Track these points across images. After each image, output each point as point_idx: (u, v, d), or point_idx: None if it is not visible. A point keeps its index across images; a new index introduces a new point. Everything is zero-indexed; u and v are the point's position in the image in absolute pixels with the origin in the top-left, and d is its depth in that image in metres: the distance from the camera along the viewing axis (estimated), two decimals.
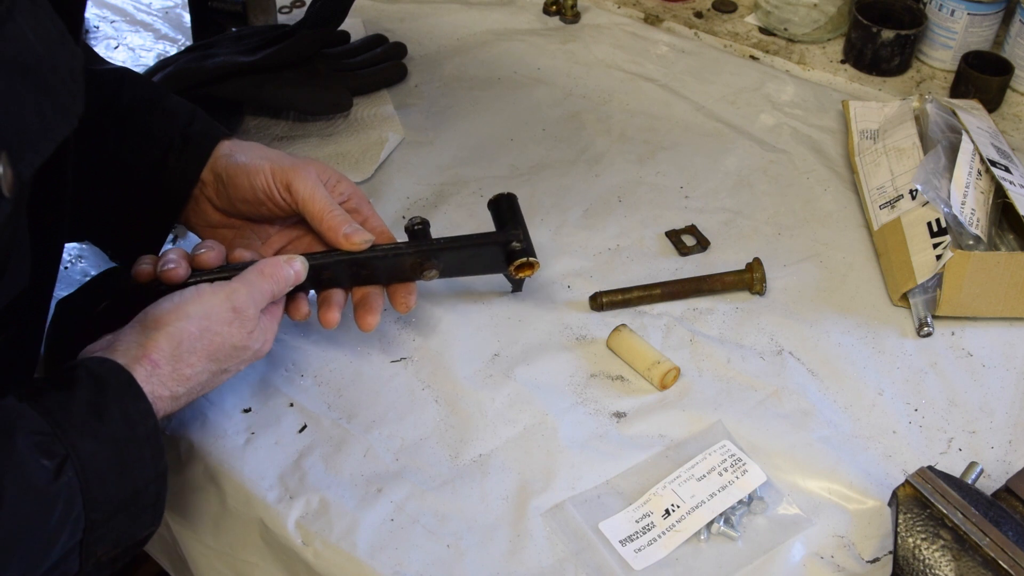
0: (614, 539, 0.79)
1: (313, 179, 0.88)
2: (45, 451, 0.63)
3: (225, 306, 0.77)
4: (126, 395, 0.70)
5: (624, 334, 0.94)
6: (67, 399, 0.67)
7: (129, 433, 0.69)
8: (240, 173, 0.88)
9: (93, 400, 0.67)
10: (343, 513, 0.81)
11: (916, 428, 0.89)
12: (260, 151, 0.90)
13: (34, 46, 0.57)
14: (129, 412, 0.69)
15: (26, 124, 0.57)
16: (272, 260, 0.83)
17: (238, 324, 0.78)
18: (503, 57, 1.36)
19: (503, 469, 0.85)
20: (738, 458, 0.84)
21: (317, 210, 0.87)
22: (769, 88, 1.32)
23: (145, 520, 0.71)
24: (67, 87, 0.60)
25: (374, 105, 1.26)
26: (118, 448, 0.67)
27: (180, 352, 0.74)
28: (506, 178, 1.16)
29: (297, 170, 0.87)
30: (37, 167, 0.58)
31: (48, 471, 0.63)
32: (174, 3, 1.45)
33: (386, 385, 0.92)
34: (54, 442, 0.64)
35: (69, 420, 0.65)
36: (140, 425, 0.69)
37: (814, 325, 0.98)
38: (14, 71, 0.55)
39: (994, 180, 1.04)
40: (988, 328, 0.98)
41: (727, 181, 1.16)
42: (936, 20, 1.32)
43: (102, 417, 0.67)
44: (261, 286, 0.80)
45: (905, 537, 0.74)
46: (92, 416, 0.67)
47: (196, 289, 0.78)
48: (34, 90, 0.57)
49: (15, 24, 0.55)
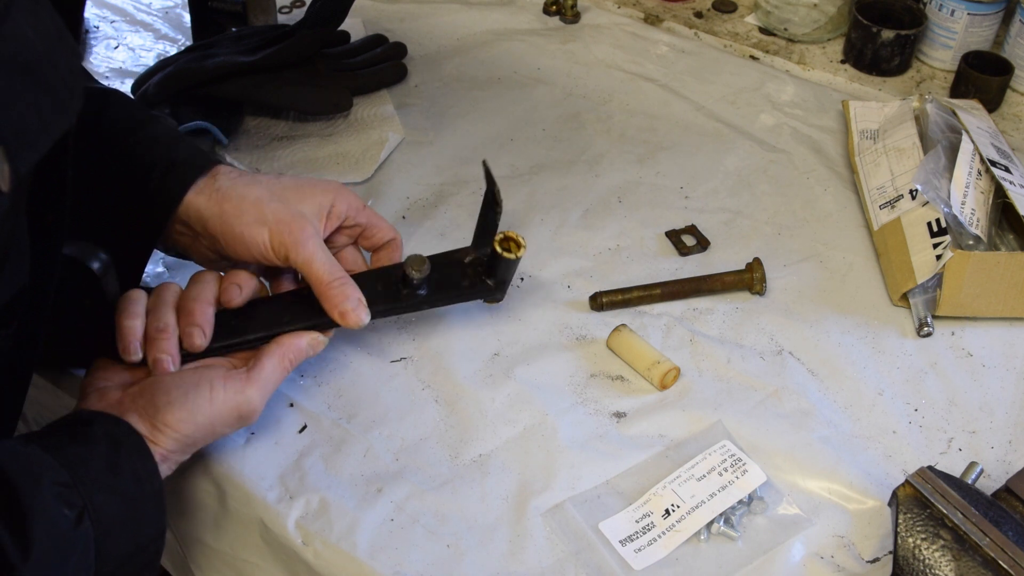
0: (614, 539, 0.79)
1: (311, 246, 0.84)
2: (66, 501, 0.66)
3: (234, 413, 0.79)
4: (138, 456, 0.74)
5: (624, 334, 0.94)
6: (86, 453, 0.70)
7: (138, 490, 0.72)
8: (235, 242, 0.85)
9: (109, 457, 0.71)
10: (343, 513, 0.81)
11: (916, 428, 0.89)
12: (256, 212, 0.84)
13: (33, 43, 0.57)
14: (139, 471, 0.73)
15: (24, 121, 0.57)
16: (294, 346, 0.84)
17: (242, 423, 0.81)
18: (503, 57, 1.37)
19: (503, 469, 0.85)
20: (738, 458, 0.84)
21: (315, 280, 0.84)
22: (769, 88, 1.32)
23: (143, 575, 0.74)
24: (66, 84, 0.60)
25: (374, 105, 1.26)
26: (129, 504, 0.71)
27: (185, 446, 0.78)
28: (506, 178, 1.16)
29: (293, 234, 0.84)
30: (35, 163, 0.58)
31: (69, 520, 0.66)
32: (174, 3, 1.46)
33: (386, 385, 0.92)
34: (73, 493, 0.67)
35: (87, 474, 0.69)
36: (148, 483, 0.73)
37: (814, 325, 0.99)
38: (12, 68, 0.55)
39: (994, 180, 1.04)
40: (988, 328, 0.98)
41: (727, 181, 1.17)
42: (936, 20, 1.32)
43: (116, 474, 0.71)
44: (275, 377, 0.82)
45: (905, 537, 0.74)
46: (108, 471, 0.70)
47: (210, 388, 0.78)
48: (32, 87, 0.57)
49: (13, 21, 0.55)
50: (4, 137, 0.55)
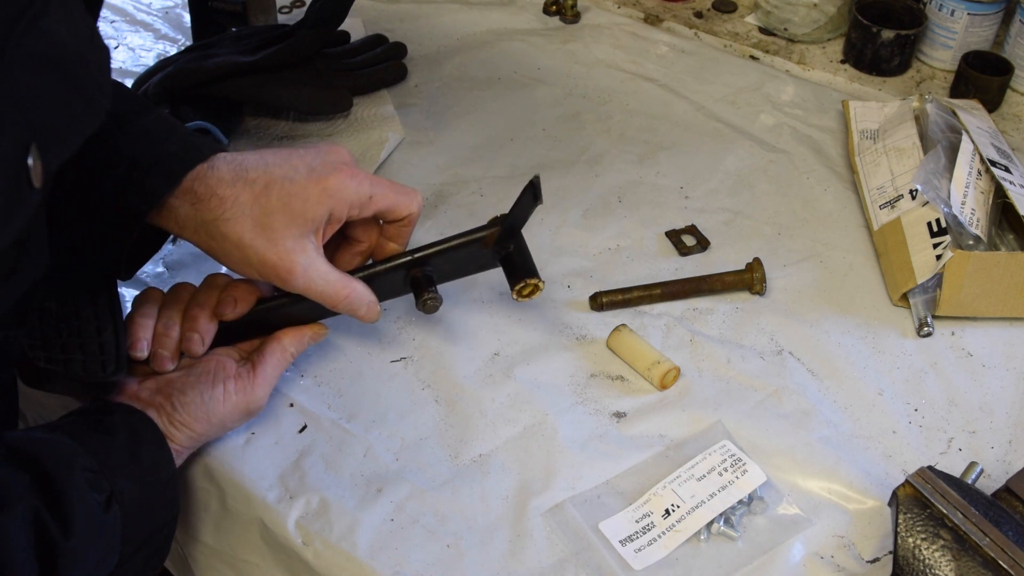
0: (614, 539, 0.79)
1: (302, 282, 0.80)
2: (95, 486, 0.69)
3: (243, 410, 0.84)
4: (155, 443, 0.77)
5: (624, 334, 0.94)
6: (108, 442, 0.73)
7: (156, 477, 0.75)
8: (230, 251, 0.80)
9: (130, 445, 0.74)
10: (343, 513, 0.81)
11: (916, 428, 0.89)
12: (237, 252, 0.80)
13: (66, 42, 0.57)
14: (157, 459, 0.76)
15: (56, 118, 0.57)
16: (296, 338, 0.87)
17: (248, 417, 0.86)
18: (503, 57, 1.37)
19: (503, 469, 0.85)
20: (738, 458, 0.84)
21: (321, 302, 0.84)
22: (769, 88, 1.32)
23: (155, 562, 0.78)
24: (95, 83, 0.61)
25: (374, 105, 1.26)
26: (148, 489, 0.74)
27: (196, 441, 0.82)
28: (506, 178, 1.16)
29: (280, 275, 0.80)
30: (64, 160, 0.59)
31: (100, 504, 0.69)
32: (174, 3, 1.46)
33: (386, 385, 0.92)
34: (101, 479, 0.70)
35: (111, 461, 0.72)
36: (164, 470, 0.76)
37: (814, 325, 0.98)
38: (46, 66, 0.56)
39: (994, 180, 1.04)
40: (988, 328, 0.98)
41: (727, 181, 1.17)
42: (936, 20, 1.32)
43: (137, 461, 0.74)
44: (278, 371, 0.86)
45: (905, 537, 0.74)
46: (129, 459, 0.73)
47: (223, 391, 0.82)
48: (65, 85, 0.57)
49: (49, 19, 0.56)
50: (37, 134, 0.55)
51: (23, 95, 0.54)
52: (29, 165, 0.54)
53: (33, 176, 0.55)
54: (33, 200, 0.56)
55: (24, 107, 0.54)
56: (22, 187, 0.55)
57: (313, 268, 0.81)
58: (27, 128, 0.54)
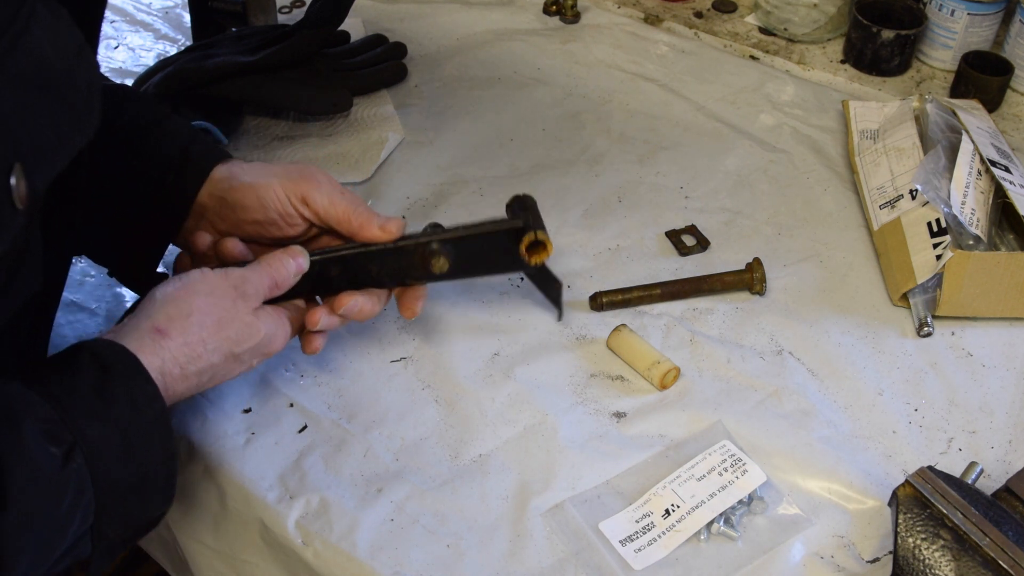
0: (614, 539, 0.79)
1: (327, 186, 0.85)
2: (53, 438, 0.62)
3: (227, 284, 0.77)
4: (132, 378, 0.69)
5: (624, 334, 0.94)
6: (72, 384, 0.66)
7: (135, 417, 0.68)
8: (248, 193, 0.85)
9: (98, 384, 0.67)
10: (343, 513, 0.81)
11: (916, 428, 0.89)
12: (264, 169, 0.87)
13: (52, 59, 0.57)
14: (135, 396, 0.68)
15: (42, 137, 0.57)
16: (273, 253, 0.82)
17: (242, 302, 0.77)
18: (503, 57, 1.37)
19: (503, 469, 0.85)
20: (738, 458, 0.84)
21: (343, 213, 0.85)
22: (769, 88, 1.32)
23: (156, 502, 0.71)
24: (84, 100, 0.60)
25: (374, 105, 1.26)
26: (125, 432, 0.67)
27: (190, 324, 0.73)
28: (506, 178, 1.16)
29: (310, 180, 0.85)
30: (51, 179, 0.58)
31: (57, 459, 0.62)
32: (174, 3, 1.46)
33: (386, 385, 0.92)
34: (61, 429, 0.63)
35: (75, 406, 0.65)
36: (147, 408, 0.69)
37: (814, 325, 0.98)
38: (30, 84, 0.55)
39: (994, 180, 1.04)
40: (988, 328, 0.98)
41: (727, 181, 1.17)
42: (936, 20, 1.32)
43: (107, 401, 0.66)
44: (262, 272, 0.80)
45: (905, 537, 0.74)
46: (98, 401, 0.66)
47: (201, 272, 0.77)
48: (50, 103, 0.57)
49: (32, 36, 0.55)
50: (22, 154, 0.55)
51: (5, 115, 0.53)
52: (12, 185, 0.54)
53: (16, 197, 0.55)
54: (17, 221, 0.56)
55: (6, 127, 0.53)
56: (3, 208, 0.54)
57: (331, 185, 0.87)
58: (10, 148, 0.54)
